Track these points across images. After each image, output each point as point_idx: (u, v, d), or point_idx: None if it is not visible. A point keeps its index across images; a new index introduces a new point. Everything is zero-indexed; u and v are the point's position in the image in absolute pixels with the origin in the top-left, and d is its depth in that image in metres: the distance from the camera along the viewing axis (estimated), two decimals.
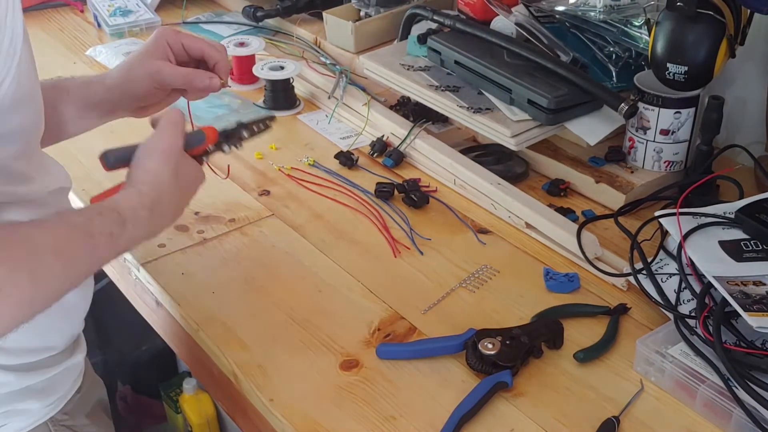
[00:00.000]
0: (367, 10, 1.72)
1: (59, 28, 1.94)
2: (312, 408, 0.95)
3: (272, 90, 1.56)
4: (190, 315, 1.08)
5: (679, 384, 0.95)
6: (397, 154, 1.39)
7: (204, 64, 1.08)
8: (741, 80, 1.40)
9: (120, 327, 1.98)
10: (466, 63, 1.41)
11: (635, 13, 1.42)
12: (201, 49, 1.07)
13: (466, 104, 1.36)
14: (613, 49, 1.45)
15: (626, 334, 1.05)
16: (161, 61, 1.06)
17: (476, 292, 1.12)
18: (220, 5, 2.05)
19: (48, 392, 0.97)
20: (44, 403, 0.97)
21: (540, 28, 1.47)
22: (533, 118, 1.32)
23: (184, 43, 1.07)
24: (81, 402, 1.03)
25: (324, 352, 1.02)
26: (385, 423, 0.93)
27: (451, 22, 1.49)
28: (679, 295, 1.04)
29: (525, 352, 0.99)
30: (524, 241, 1.22)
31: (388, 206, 1.29)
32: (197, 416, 1.94)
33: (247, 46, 1.65)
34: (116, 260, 1.23)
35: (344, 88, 1.54)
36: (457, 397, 0.94)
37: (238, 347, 1.03)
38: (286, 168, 1.38)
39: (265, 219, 1.26)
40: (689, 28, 1.20)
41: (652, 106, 1.29)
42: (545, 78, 1.33)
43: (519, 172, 1.36)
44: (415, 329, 1.06)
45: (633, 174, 1.32)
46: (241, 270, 1.16)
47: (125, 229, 0.84)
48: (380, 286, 1.13)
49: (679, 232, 1.08)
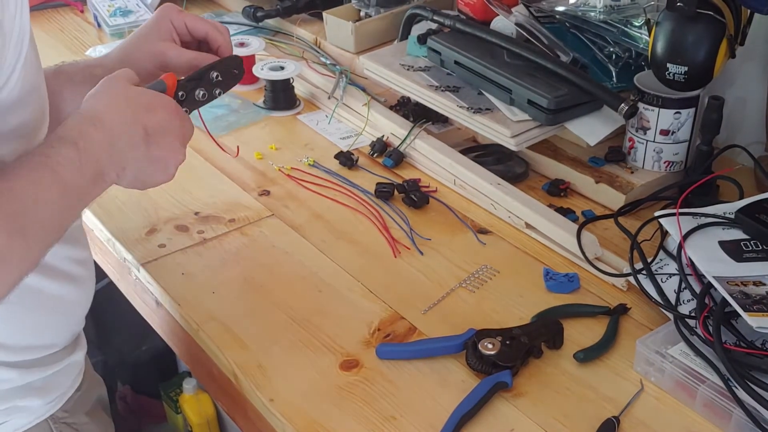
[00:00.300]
0: (367, 11, 1.72)
1: (59, 28, 1.94)
2: (312, 408, 0.95)
3: (272, 90, 1.56)
4: (190, 315, 1.08)
5: (679, 384, 0.95)
6: (397, 154, 1.39)
7: (206, 46, 1.05)
8: (741, 80, 1.40)
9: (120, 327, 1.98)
10: (466, 63, 1.41)
11: (635, 13, 1.42)
12: (205, 30, 1.04)
13: (466, 104, 1.36)
14: (613, 49, 1.45)
15: (626, 334, 1.05)
16: (165, 42, 1.03)
17: (476, 292, 1.12)
18: (220, 5, 2.05)
19: (49, 389, 0.97)
20: (45, 400, 0.97)
21: (540, 28, 1.47)
22: (533, 119, 1.32)
23: (187, 23, 1.04)
24: (81, 400, 1.03)
25: (324, 352, 1.02)
26: (385, 423, 0.93)
27: (451, 22, 1.49)
28: (679, 295, 1.04)
29: (525, 352, 0.99)
30: (524, 241, 1.22)
31: (388, 206, 1.29)
32: (197, 416, 1.94)
33: (247, 47, 1.65)
34: (116, 261, 1.23)
35: (344, 89, 1.54)
36: (457, 397, 0.94)
37: (238, 347, 1.03)
38: (286, 168, 1.38)
39: (265, 219, 1.26)
40: (689, 28, 1.20)
41: (652, 106, 1.29)
42: (545, 78, 1.33)
43: (519, 173, 1.36)
44: (415, 329, 1.06)
45: (633, 174, 1.32)
46: (241, 270, 1.16)
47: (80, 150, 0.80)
48: (380, 286, 1.13)
49: (679, 232, 1.08)
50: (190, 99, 0.95)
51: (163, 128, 0.88)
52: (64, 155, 0.80)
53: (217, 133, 1.44)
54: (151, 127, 0.87)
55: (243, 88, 1.64)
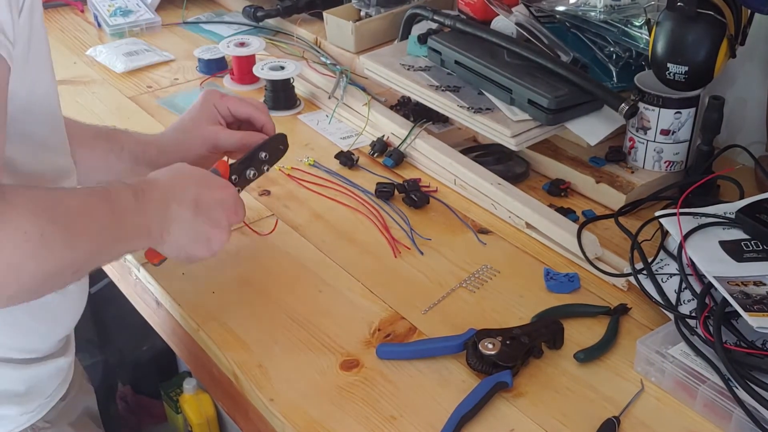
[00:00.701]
0: (367, 10, 1.72)
1: (59, 28, 1.94)
2: (312, 408, 0.95)
3: (272, 90, 1.56)
4: (190, 315, 1.08)
5: (680, 384, 0.95)
6: (397, 154, 1.39)
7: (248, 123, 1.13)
8: (741, 80, 1.40)
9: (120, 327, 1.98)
10: (467, 63, 1.41)
11: (635, 13, 1.42)
12: (248, 113, 1.13)
13: (467, 104, 1.36)
14: (613, 49, 1.45)
15: (626, 334, 1.04)
16: (215, 126, 1.11)
17: (476, 292, 1.12)
18: (220, 5, 2.05)
19: (29, 397, 0.95)
20: (24, 408, 0.95)
21: (540, 28, 1.47)
22: (533, 118, 1.32)
23: (230, 107, 1.13)
24: (66, 410, 1.01)
25: (324, 352, 1.02)
26: (386, 423, 0.93)
27: (451, 22, 1.49)
28: (680, 295, 1.04)
29: (525, 352, 0.99)
30: (524, 241, 1.22)
31: (389, 206, 1.29)
32: (197, 416, 1.94)
33: (247, 46, 1.65)
34: (116, 260, 1.23)
35: (344, 88, 1.54)
36: (457, 397, 0.94)
37: (238, 347, 1.03)
38: (286, 168, 1.37)
39: (265, 219, 1.26)
40: (690, 28, 1.20)
41: (652, 106, 1.29)
42: (545, 78, 1.33)
43: (519, 172, 1.36)
44: (415, 329, 1.06)
45: (633, 174, 1.32)
46: (241, 270, 1.16)
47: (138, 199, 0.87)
48: (380, 286, 1.13)
49: (679, 232, 1.08)
50: (242, 180, 1.05)
51: (215, 204, 0.94)
52: (123, 196, 0.86)
53: None
54: (203, 201, 0.93)
55: (243, 88, 1.64)
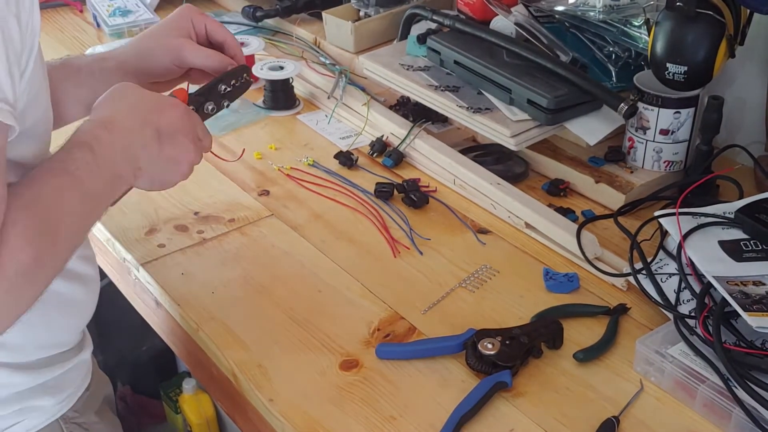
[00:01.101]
0: (366, 10, 1.72)
1: (59, 28, 1.94)
2: (312, 408, 0.95)
3: (272, 90, 1.56)
4: (190, 315, 1.08)
5: (679, 384, 0.95)
6: (396, 154, 1.39)
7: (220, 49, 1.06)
8: (741, 80, 1.40)
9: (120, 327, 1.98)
10: (466, 63, 1.41)
11: (635, 13, 1.42)
12: (224, 36, 1.06)
13: (466, 104, 1.36)
14: (612, 49, 1.45)
15: (626, 334, 1.05)
16: (184, 38, 1.04)
17: (476, 292, 1.12)
18: (219, 5, 2.05)
19: (60, 388, 0.98)
20: (57, 399, 0.97)
21: (539, 28, 1.47)
22: (533, 118, 1.32)
23: (207, 25, 1.05)
24: (90, 399, 1.03)
25: (324, 352, 1.02)
26: (385, 423, 0.93)
27: (450, 22, 1.49)
28: (679, 295, 1.04)
29: (525, 352, 0.99)
30: (524, 241, 1.22)
31: (388, 206, 1.29)
32: (197, 416, 1.94)
33: (246, 46, 1.64)
34: (116, 261, 1.23)
35: (344, 88, 1.54)
36: (457, 397, 0.94)
37: (238, 347, 1.03)
38: (285, 168, 1.38)
39: (265, 219, 1.26)
40: (689, 28, 1.20)
41: (651, 106, 1.29)
42: (545, 78, 1.33)
43: (519, 172, 1.36)
44: (414, 329, 1.06)
45: (633, 174, 1.32)
46: (241, 270, 1.16)
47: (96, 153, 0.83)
48: (380, 286, 1.13)
49: (678, 232, 1.08)
50: (199, 113, 0.99)
51: (173, 128, 0.91)
52: (81, 159, 0.82)
53: (216, 134, 1.44)
54: (162, 128, 0.90)
55: None
